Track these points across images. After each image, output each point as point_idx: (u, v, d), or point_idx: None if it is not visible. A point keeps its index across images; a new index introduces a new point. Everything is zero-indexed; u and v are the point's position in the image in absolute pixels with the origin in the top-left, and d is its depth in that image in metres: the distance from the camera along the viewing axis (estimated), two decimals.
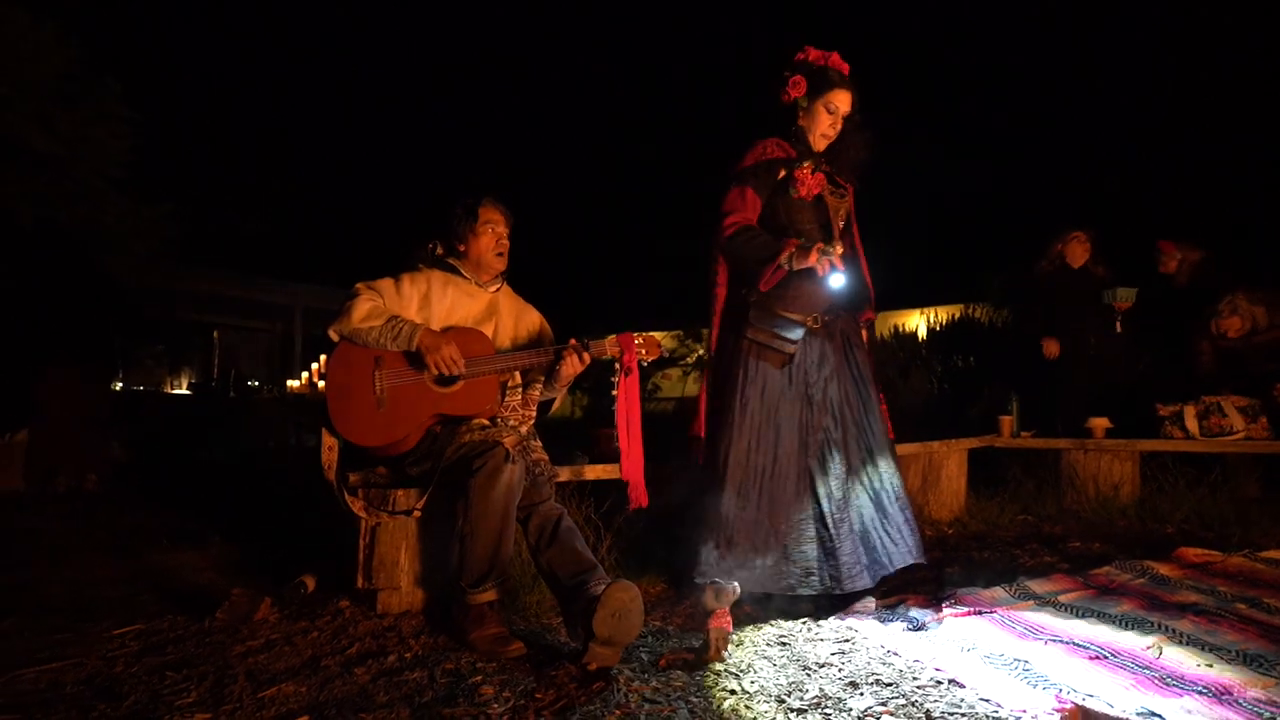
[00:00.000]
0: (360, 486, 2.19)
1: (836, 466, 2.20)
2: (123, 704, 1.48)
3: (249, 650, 1.79)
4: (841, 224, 2.39)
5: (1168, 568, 2.52)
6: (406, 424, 2.06)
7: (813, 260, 2.15)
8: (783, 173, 2.34)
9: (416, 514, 2.09)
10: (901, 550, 2.17)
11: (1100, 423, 3.87)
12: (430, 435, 2.09)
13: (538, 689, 1.57)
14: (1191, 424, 3.74)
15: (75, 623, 2.02)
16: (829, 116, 2.36)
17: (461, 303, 2.23)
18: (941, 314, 9.75)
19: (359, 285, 2.17)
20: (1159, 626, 1.88)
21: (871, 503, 2.22)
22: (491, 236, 2.25)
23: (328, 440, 2.16)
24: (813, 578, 2.12)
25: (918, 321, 10.08)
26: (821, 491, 2.17)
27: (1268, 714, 1.37)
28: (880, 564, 2.17)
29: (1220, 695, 1.45)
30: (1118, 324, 4.19)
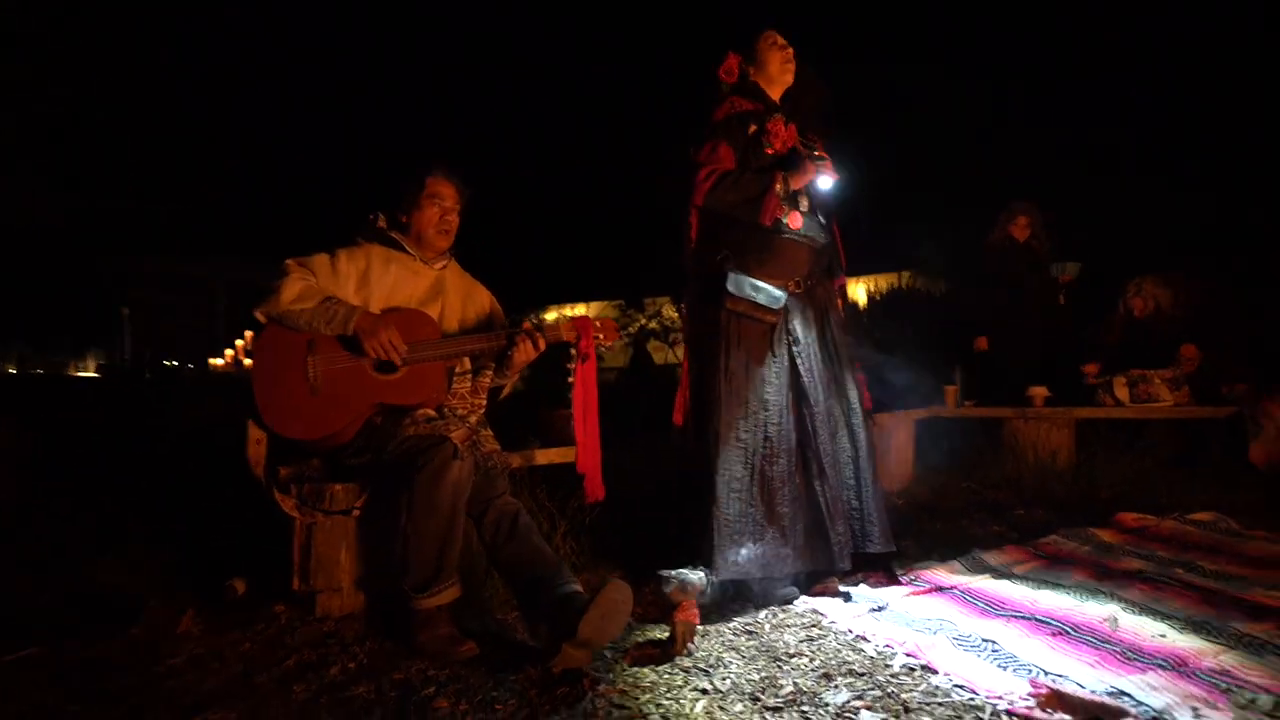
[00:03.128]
0: (292, 481, 2.01)
1: (825, 442, 2.14)
2: None
3: (170, 671, 1.62)
4: (828, 167, 2.31)
5: (1109, 534, 2.60)
6: (343, 415, 1.89)
7: (810, 172, 2.15)
8: (754, 127, 2.25)
9: (356, 513, 1.94)
10: (874, 536, 2.14)
11: (1040, 391, 3.98)
12: (369, 427, 1.93)
13: (497, 699, 1.47)
14: (1122, 392, 3.89)
15: None
16: (779, 52, 2.31)
17: (405, 281, 2.06)
18: (882, 282, 9.94)
19: (289, 262, 1.97)
20: (1111, 596, 1.92)
21: (854, 483, 2.18)
22: (436, 210, 2.07)
23: (254, 433, 1.97)
24: (809, 559, 2.06)
25: (858, 290, 10.25)
26: (813, 471, 2.11)
27: (1223, 685, 1.39)
28: (856, 544, 2.13)
29: (1178, 667, 1.47)
30: (1061, 296, 4.30)
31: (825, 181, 2.21)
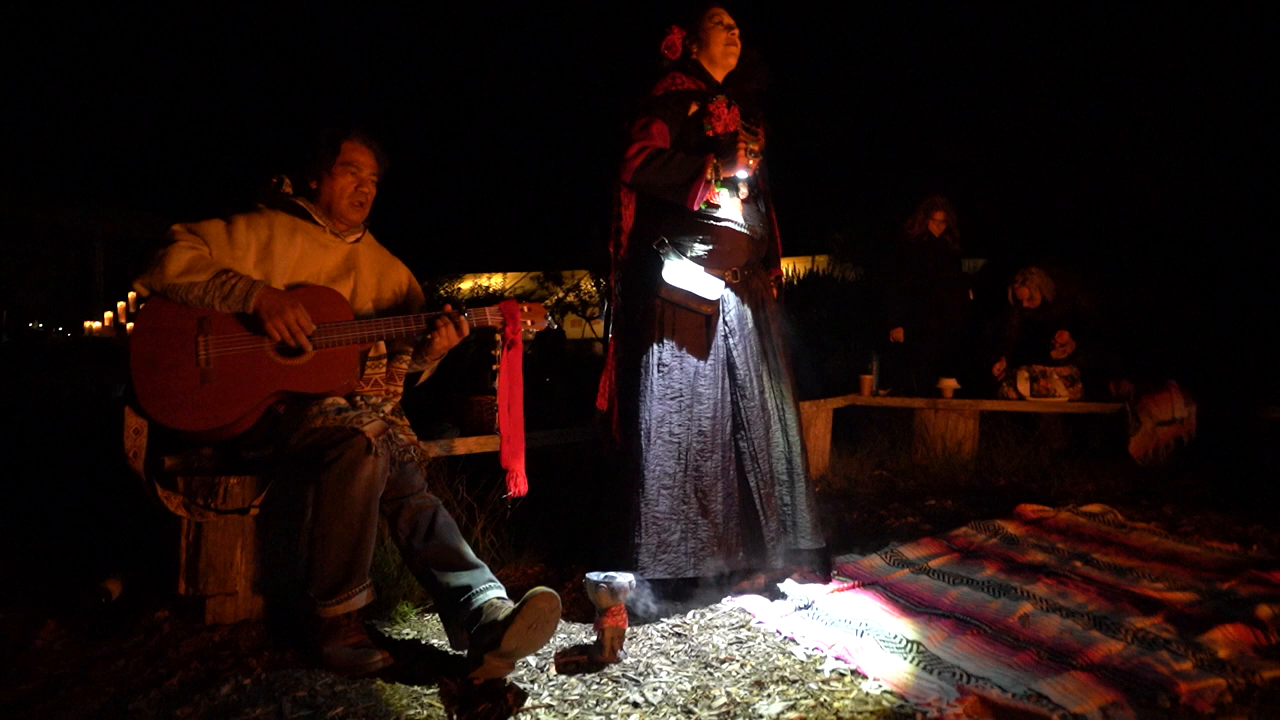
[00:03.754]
0: (179, 473, 1.80)
1: (759, 437, 2.10)
2: None
3: (20, 699, 1.40)
4: (756, 165, 2.25)
5: (1013, 526, 2.73)
6: (240, 404, 1.69)
7: (743, 161, 2.05)
8: (695, 107, 2.15)
9: (254, 512, 1.76)
10: (804, 532, 2.13)
11: (950, 383, 4.15)
12: (271, 416, 1.74)
13: (414, 718, 1.36)
14: (1024, 387, 4.12)
15: None
16: (725, 32, 2.22)
17: (312, 254, 1.86)
18: (799, 266, 10.12)
19: (176, 227, 1.73)
20: (1021, 593, 2.00)
21: (787, 479, 2.16)
22: (351, 180, 1.88)
23: (132, 421, 1.74)
24: (741, 558, 2.03)
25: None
26: (748, 466, 2.07)
27: (1124, 684, 1.46)
28: (786, 540, 2.12)
29: (1087, 667, 1.54)
30: (970, 291, 4.47)
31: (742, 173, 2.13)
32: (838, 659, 1.58)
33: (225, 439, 1.78)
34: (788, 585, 2.07)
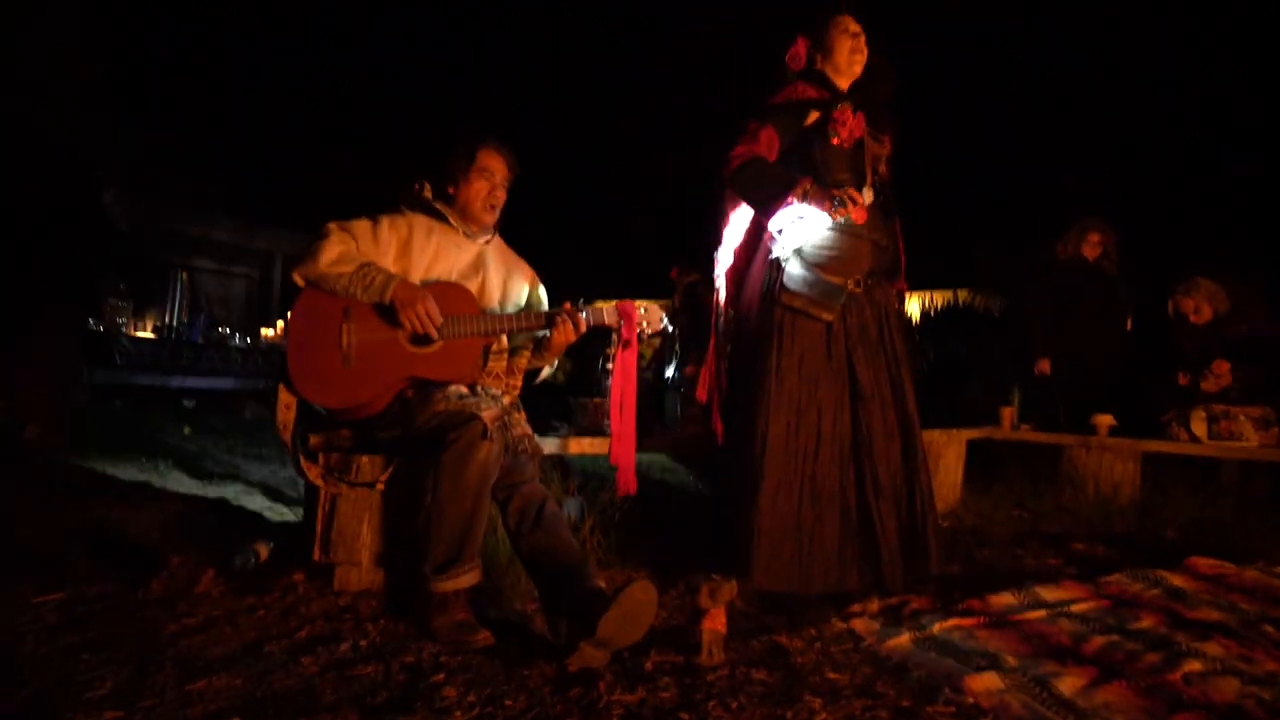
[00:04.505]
0: (320, 450, 1.98)
1: (881, 453, 1.99)
2: (20, 692, 1.27)
3: (184, 630, 1.59)
4: (881, 174, 2.17)
5: (1181, 579, 2.39)
6: (374, 386, 1.84)
7: (827, 209, 1.98)
8: (815, 116, 2.11)
9: (380, 487, 1.89)
10: (924, 557, 1.98)
11: (1105, 420, 3.73)
12: (400, 400, 1.88)
13: (507, 693, 1.39)
14: (1199, 428, 3.62)
15: None
16: (850, 39, 2.16)
17: (446, 253, 2.00)
18: (937, 298, 9.60)
19: (330, 224, 1.93)
20: (1187, 650, 1.73)
21: (909, 499, 2.03)
22: (484, 185, 2.01)
23: (284, 398, 1.94)
24: (855, 577, 1.93)
25: (912, 305, 9.94)
26: (868, 482, 1.98)
27: None
28: (905, 563, 1.99)
29: None
30: (1129, 321, 4.03)
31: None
32: (954, 690, 1.44)
33: (361, 419, 1.93)
34: (903, 612, 1.92)
